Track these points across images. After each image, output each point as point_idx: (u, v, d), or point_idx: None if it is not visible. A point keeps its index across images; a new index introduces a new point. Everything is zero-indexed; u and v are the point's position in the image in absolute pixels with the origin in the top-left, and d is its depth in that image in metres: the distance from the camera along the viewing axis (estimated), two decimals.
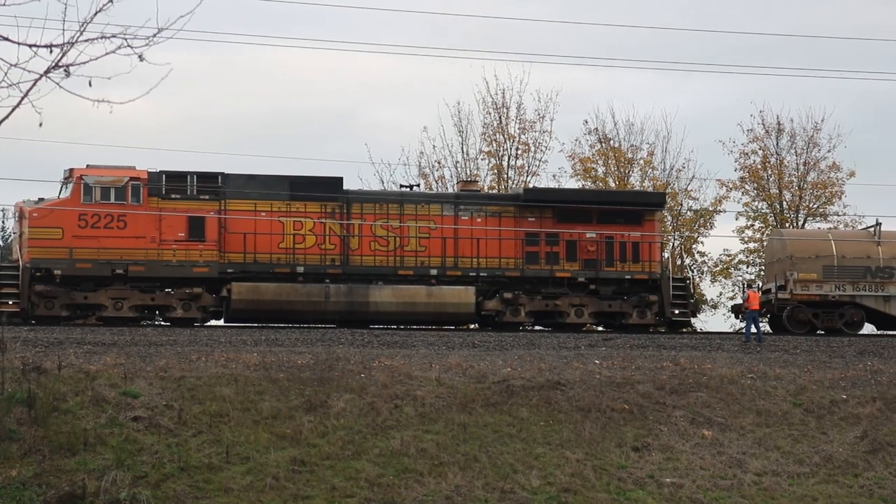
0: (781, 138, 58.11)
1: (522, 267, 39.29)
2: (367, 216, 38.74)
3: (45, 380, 27.18)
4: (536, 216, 39.75)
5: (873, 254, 41.23)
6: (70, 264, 36.27)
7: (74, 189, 36.63)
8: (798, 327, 40.41)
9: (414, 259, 38.84)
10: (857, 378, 32.13)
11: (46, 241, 36.31)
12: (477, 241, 39.06)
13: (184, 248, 37.08)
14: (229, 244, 37.50)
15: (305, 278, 37.78)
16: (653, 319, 39.75)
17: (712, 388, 30.39)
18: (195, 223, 37.15)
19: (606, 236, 39.80)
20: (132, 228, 36.71)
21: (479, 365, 30.85)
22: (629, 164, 57.43)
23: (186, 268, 37.03)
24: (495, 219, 39.59)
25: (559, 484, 25.74)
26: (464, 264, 39.02)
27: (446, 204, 39.72)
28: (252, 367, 29.41)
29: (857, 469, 27.53)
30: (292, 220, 38.09)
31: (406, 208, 39.15)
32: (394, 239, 38.81)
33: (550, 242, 39.57)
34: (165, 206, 37.02)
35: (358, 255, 38.56)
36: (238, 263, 37.47)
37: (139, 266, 36.72)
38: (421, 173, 55.87)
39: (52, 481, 23.93)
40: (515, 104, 56.71)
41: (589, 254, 39.71)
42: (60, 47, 11.96)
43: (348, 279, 38.14)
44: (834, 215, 57.48)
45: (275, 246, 37.85)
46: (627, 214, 40.12)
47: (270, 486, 24.62)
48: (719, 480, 26.59)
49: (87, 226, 36.49)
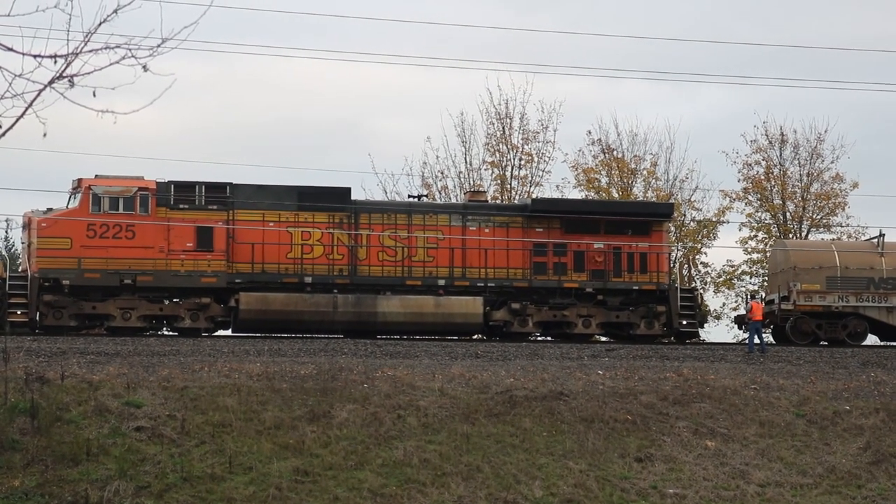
0: (785, 149, 58.18)
1: (530, 277, 39.34)
2: (375, 226, 38.84)
3: (48, 390, 27.18)
4: (544, 227, 39.82)
5: (877, 265, 41.22)
6: (78, 274, 36.35)
7: (83, 199, 36.73)
8: (801, 338, 40.39)
9: (422, 269, 38.90)
10: (861, 389, 32.11)
11: (55, 250, 36.39)
12: (485, 251, 39.13)
13: (192, 258, 37.17)
14: (237, 254, 37.58)
15: (313, 288, 37.86)
16: (660, 330, 39.78)
17: (715, 398, 30.38)
18: (203, 233, 37.24)
19: (614, 247, 39.87)
20: (140, 238, 36.81)
21: (482, 375, 30.85)
22: (632, 174, 57.46)
23: (194, 278, 37.11)
24: (503, 229, 39.66)
25: (562, 494, 25.73)
26: (472, 275, 39.08)
27: (454, 214, 39.80)
28: (255, 378, 29.42)
29: (861, 480, 27.49)
30: (300, 231, 38.20)
31: (414, 218, 39.24)
32: (402, 249, 38.89)
33: (558, 253, 39.63)
34: (174, 217, 37.11)
35: (366, 265, 38.64)
36: (246, 273, 37.53)
37: (147, 276, 36.80)
38: (424, 183, 55.94)
39: (54, 491, 23.92)
40: (519, 114, 56.81)
41: (597, 264, 39.76)
42: (65, 58, 11.97)
43: (356, 289, 38.20)
44: (837, 226, 57.51)
45: (283, 256, 37.92)
46: (635, 225, 40.19)
47: (273, 496, 24.61)
48: (722, 491, 26.57)
49: (95, 236, 36.57)
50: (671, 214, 44.84)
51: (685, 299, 39.88)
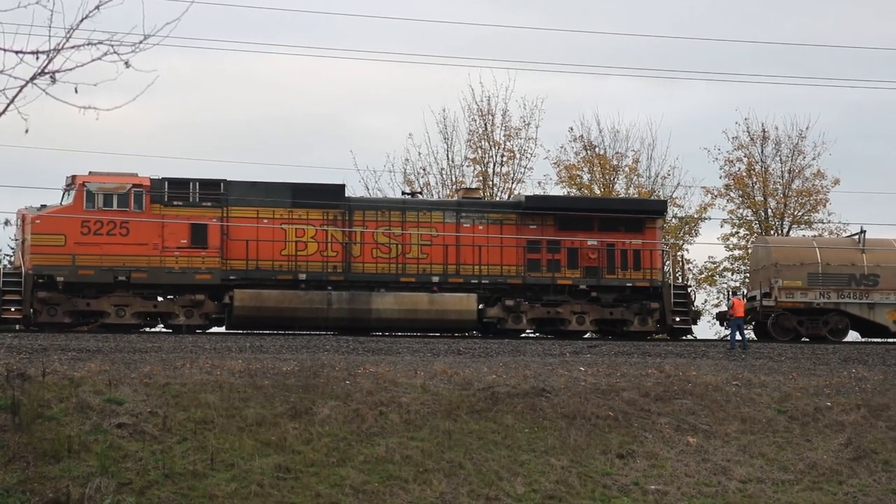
0: (766, 146, 58.36)
1: (524, 274, 39.52)
2: (369, 223, 38.99)
3: (30, 386, 27.09)
4: (538, 223, 40.02)
5: (858, 261, 41.36)
6: (73, 271, 36.44)
7: (77, 196, 36.81)
8: (783, 334, 40.53)
9: (416, 266, 39.12)
10: (842, 385, 32.21)
11: (49, 247, 36.46)
12: (479, 248, 39.33)
13: (186, 254, 37.32)
14: (231, 251, 37.71)
15: (308, 285, 38.02)
16: (654, 327, 39.96)
17: (697, 395, 30.44)
18: (197, 230, 37.36)
19: (608, 244, 40.10)
20: (135, 235, 36.90)
21: (464, 372, 30.86)
22: (614, 171, 57.59)
23: (189, 275, 37.25)
24: (497, 226, 39.85)
25: (544, 491, 25.75)
26: (465, 271, 39.26)
27: (448, 211, 40.03)
28: (237, 374, 29.37)
29: (842, 476, 27.57)
30: (294, 228, 38.35)
31: (408, 215, 39.47)
32: (396, 246, 39.06)
33: (552, 250, 39.83)
34: (168, 213, 37.27)
35: (360, 262, 38.82)
36: (240, 270, 37.69)
37: (142, 273, 36.92)
38: (406, 180, 55.94)
39: (36, 488, 23.84)
40: (501, 111, 56.89)
41: (590, 261, 39.98)
42: (46, 54, 11.95)
43: (350, 286, 38.36)
44: (819, 223, 57.70)
45: (277, 253, 38.07)
46: (629, 222, 40.43)
47: (255, 492, 24.57)
48: (704, 487, 26.62)
49: (89, 232, 36.63)
50: (665, 212, 45.05)
51: (678, 296, 40.05)
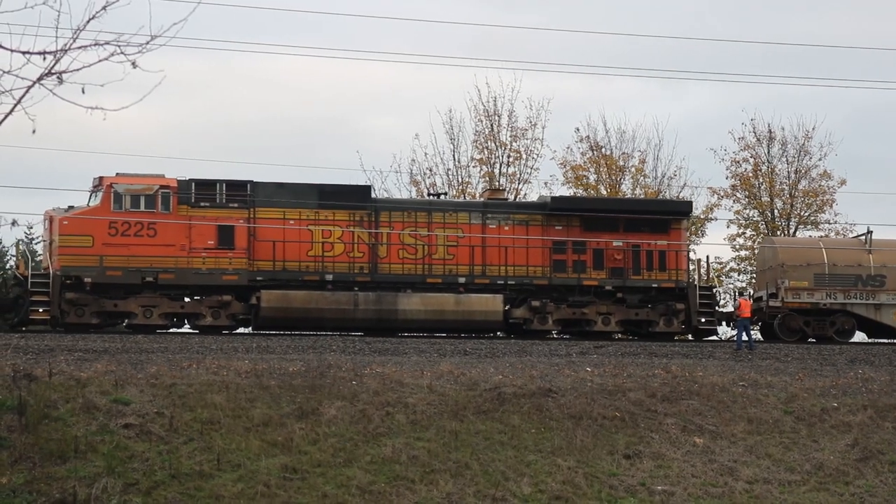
0: (773, 146, 58.31)
1: (550, 275, 39.57)
2: (395, 224, 39.13)
3: (36, 387, 27.09)
4: (564, 224, 40.10)
5: (864, 262, 41.30)
6: (100, 272, 36.57)
7: (104, 197, 36.97)
8: (789, 335, 40.46)
9: (442, 267, 39.16)
10: (848, 386, 32.16)
11: (77, 248, 36.62)
12: (505, 249, 39.41)
13: (213, 255, 37.47)
14: (258, 252, 37.83)
15: (334, 286, 38.11)
16: (679, 328, 39.96)
17: (704, 395, 30.40)
18: (224, 231, 37.51)
19: (633, 245, 40.14)
20: (162, 236, 37.07)
21: (470, 372, 30.84)
22: (621, 171, 57.53)
23: (216, 275, 37.38)
24: (523, 227, 39.90)
25: (550, 491, 25.73)
26: (492, 272, 39.31)
27: (474, 212, 40.10)
28: (243, 375, 29.37)
29: (848, 477, 27.53)
30: (321, 229, 38.44)
31: (434, 216, 39.53)
32: (422, 247, 39.14)
33: (577, 251, 39.89)
34: (195, 215, 37.42)
35: (386, 263, 38.89)
36: (267, 271, 37.79)
37: (169, 274, 37.06)
38: (412, 180, 55.96)
39: (42, 489, 23.85)
40: (507, 112, 56.86)
41: (616, 262, 40.03)
42: (53, 54, 11.96)
43: (377, 287, 38.43)
44: (825, 223, 57.65)
45: (304, 254, 38.18)
46: (654, 223, 40.47)
47: (261, 493, 24.57)
48: (710, 488, 26.59)
49: (117, 234, 36.79)
50: (690, 212, 44.83)
51: (704, 297, 40.05)
